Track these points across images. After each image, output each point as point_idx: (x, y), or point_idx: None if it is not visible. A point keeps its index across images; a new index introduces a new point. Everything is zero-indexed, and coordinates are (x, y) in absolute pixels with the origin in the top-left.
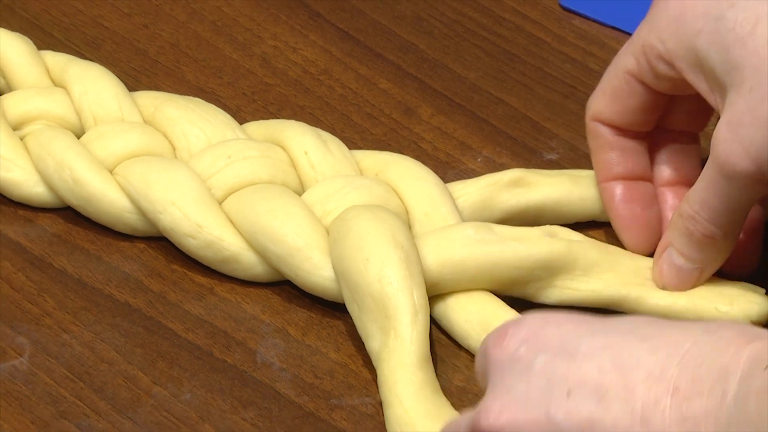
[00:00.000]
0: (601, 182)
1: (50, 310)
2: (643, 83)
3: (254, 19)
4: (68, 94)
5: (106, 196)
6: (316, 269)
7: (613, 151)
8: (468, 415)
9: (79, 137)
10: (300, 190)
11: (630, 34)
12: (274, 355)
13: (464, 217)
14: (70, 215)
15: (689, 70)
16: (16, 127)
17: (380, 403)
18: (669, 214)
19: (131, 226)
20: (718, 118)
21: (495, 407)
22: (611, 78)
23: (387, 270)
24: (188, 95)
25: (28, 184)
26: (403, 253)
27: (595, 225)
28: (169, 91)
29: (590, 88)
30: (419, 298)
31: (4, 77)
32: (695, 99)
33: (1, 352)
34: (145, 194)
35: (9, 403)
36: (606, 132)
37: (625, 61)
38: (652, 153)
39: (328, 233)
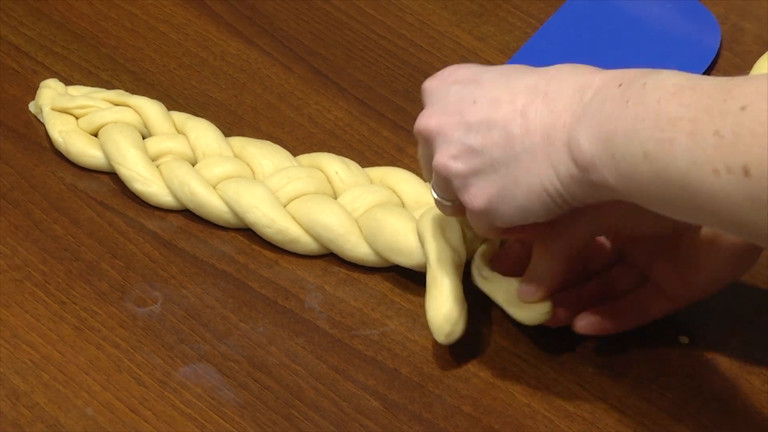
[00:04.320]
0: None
1: (174, 274)
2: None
3: (303, 92)
4: (187, 138)
5: (212, 202)
6: (355, 247)
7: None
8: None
9: (194, 165)
10: (334, 197)
11: None
12: (316, 303)
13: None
14: (188, 214)
15: None
16: (153, 159)
17: (383, 334)
18: None
19: (227, 221)
20: None
21: (425, 114)
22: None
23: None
24: (262, 139)
25: (162, 195)
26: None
27: None
28: (250, 137)
29: None
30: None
31: (147, 127)
32: None
33: (143, 301)
34: (237, 201)
35: (147, 333)
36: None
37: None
38: None
39: (358, 223)
